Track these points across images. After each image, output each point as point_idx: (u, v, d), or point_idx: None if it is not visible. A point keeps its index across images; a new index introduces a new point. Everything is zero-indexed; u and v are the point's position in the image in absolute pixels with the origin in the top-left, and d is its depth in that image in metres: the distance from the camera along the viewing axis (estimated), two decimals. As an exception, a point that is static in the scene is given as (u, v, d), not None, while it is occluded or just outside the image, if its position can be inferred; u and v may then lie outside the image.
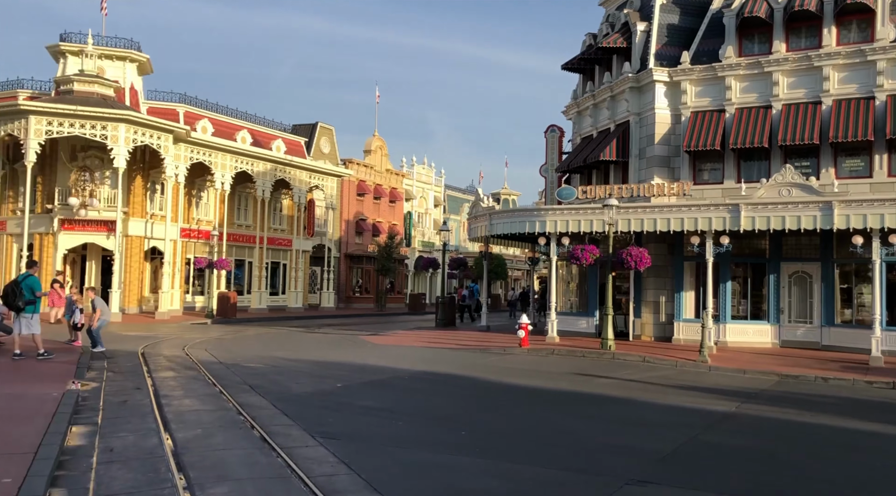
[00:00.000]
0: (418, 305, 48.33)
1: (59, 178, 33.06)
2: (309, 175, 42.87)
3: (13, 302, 14.52)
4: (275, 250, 42.88)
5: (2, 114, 29.44)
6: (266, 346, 20.67)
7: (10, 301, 14.56)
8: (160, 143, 31.97)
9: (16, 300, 14.49)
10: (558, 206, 22.32)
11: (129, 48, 34.84)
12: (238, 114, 41.69)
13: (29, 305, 14.59)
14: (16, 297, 14.48)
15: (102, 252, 34.32)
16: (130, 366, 15.19)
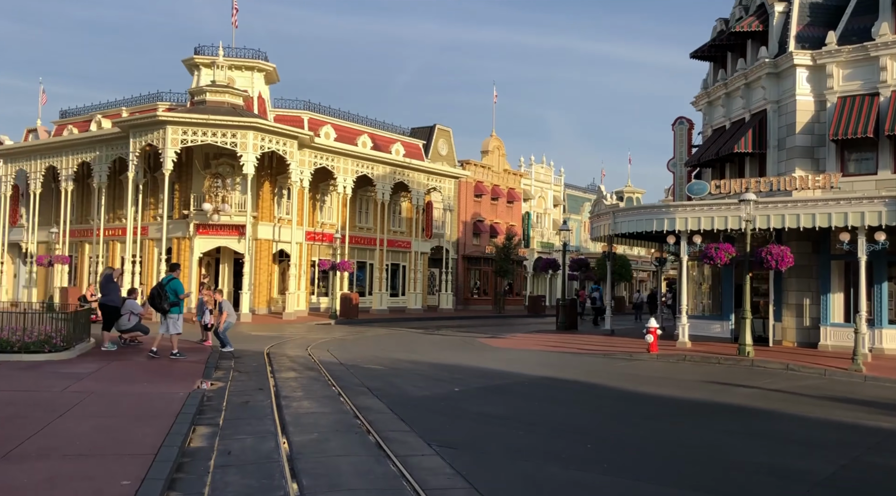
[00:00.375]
0: (537, 308, 47.47)
1: (194, 185, 34.90)
2: (427, 177, 43.09)
3: (159, 304, 15.28)
4: (394, 252, 43.39)
5: (142, 125, 31.40)
6: (385, 347, 20.67)
7: (156, 303, 15.34)
8: (286, 149, 33.02)
9: (161, 302, 15.22)
10: (689, 203, 20.93)
11: (257, 58, 36.28)
12: (359, 119, 42.54)
13: (174, 307, 15.28)
14: (161, 300, 15.21)
15: (234, 255, 35.87)
16: (255, 365, 15.49)
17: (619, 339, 23.98)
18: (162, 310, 15.35)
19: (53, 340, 14.59)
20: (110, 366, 13.76)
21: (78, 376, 12.16)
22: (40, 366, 13.15)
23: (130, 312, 17.49)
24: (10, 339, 14.06)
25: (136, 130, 31.73)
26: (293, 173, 33.58)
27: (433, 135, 48.23)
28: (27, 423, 8.21)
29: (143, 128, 31.40)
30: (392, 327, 30.19)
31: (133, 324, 17.59)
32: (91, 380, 11.89)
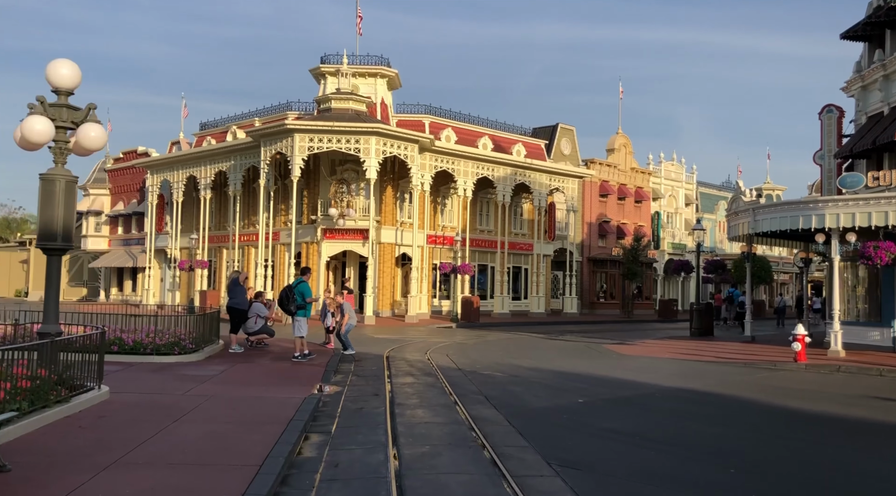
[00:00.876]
0: (669, 312, 45.19)
1: (321, 190, 35.80)
2: (549, 177, 42.08)
3: (287, 306, 15.53)
4: (516, 255, 42.67)
5: (272, 134, 32.54)
6: (506, 353, 20.04)
7: (284, 304, 15.64)
8: (407, 153, 33.18)
9: (288, 304, 15.47)
10: (841, 197, 18.87)
11: (380, 65, 36.76)
12: (479, 120, 42.20)
13: (300, 309, 15.46)
14: (288, 302, 15.45)
15: (359, 258, 36.49)
16: (374, 369, 15.31)
17: (760, 347, 22.08)
18: (289, 312, 15.62)
19: (183, 342, 15.05)
20: (234, 369, 13.99)
21: (201, 379, 12.37)
22: (169, 368, 13.54)
23: (257, 315, 17.87)
24: (143, 341, 14.61)
25: (267, 139, 32.94)
26: (414, 177, 33.68)
27: (556, 134, 47.12)
28: (144, 428, 8.24)
29: (273, 137, 32.54)
30: (513, 331, 29.51)
31: (259, 327, 17.96)
32: (213, 383, 12.05)
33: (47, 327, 9.68)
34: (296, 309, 15.39)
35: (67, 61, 9.70)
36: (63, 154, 9.81)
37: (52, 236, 9.60)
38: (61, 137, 9.78)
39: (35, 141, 9.28)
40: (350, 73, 34.60)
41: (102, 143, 9.80)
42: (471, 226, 39.78)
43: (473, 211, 40.72)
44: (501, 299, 39.66)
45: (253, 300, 17.96)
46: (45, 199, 9.63)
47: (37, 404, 8.12)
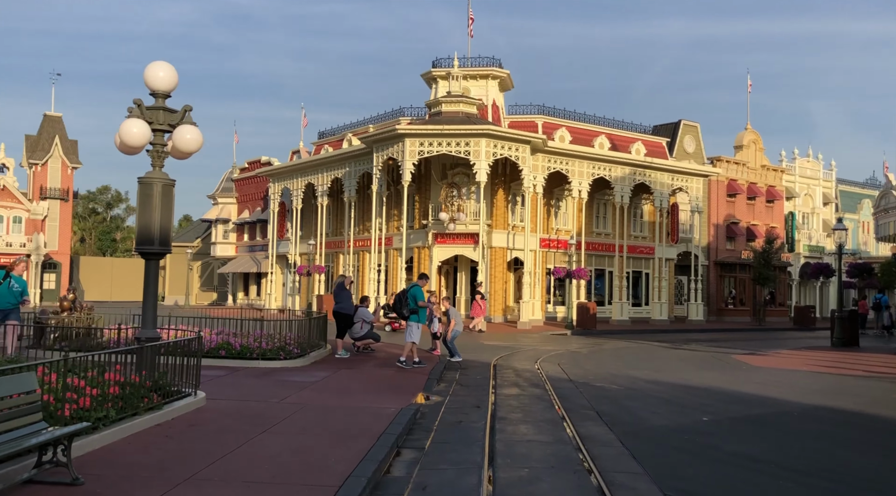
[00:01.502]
0: (805, 320, 41.70)
1: (432, 195, 35.64)
2: (671, 177, 39.93)
3: (401, 309, 15.33)
4: (636, 259, 40.78)
5: (383, 139, 32.67)
6: (623, 363, 18.79)
7: (397, 308, 15.45)
8: (518, 154, 32.37)
9: (402, 307, 15.25)
10: None
11: (491, 65, 36.18)
12: (595, 119, 40.76)
13: (413, 314, 15.13)
14: (402, 305, 15.24)
15: (471, 263, 36.01)
16: (479, 379, 14.62)
17: (917, 361, 19.56)
18: (402, 316, 15.37)
19: (289, 347, 14.96)
20: (336, 375, 13.70)
21: (301, 385, 12.13)
22: (272, 374, 13.43)
23: (362, 320, 17.65)
24: (251, 346, 14.63)
25: (378, 145, 33.12)
26: (525, 179, 32.80)
27: (678, 131, 44.79)
28: (230, 439, 7.93)
29: (384, 142, 32.67)
30: (632, 340, 27.97)
31: (365, 332, 17.72)
32: (312, 390, 11.75)
33: (145, 332, 9.65)
34: (409, 313, 14.98)
35: (164, 64, 9.64)
36: (160, 157, 9.77)
37: (149, 240, 9.55)
38: (158, 140, 9.73)
39: (132, 144, 9.26)
40: (461, 76, 34.23)
41: (198, 145, 9.66)
42: (586, 229, 38.38)
43: (589, 213, 39.28)
44: (620, 305, 37.95)
45: (358, 305, 17.76)
46: (142, 202, 9.60)
47: (126, 412, 7.98)
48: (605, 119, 41.21)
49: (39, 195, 51.82)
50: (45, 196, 51.90)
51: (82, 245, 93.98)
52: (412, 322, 15.20)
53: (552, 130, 38.33)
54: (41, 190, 51.87)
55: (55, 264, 52.61)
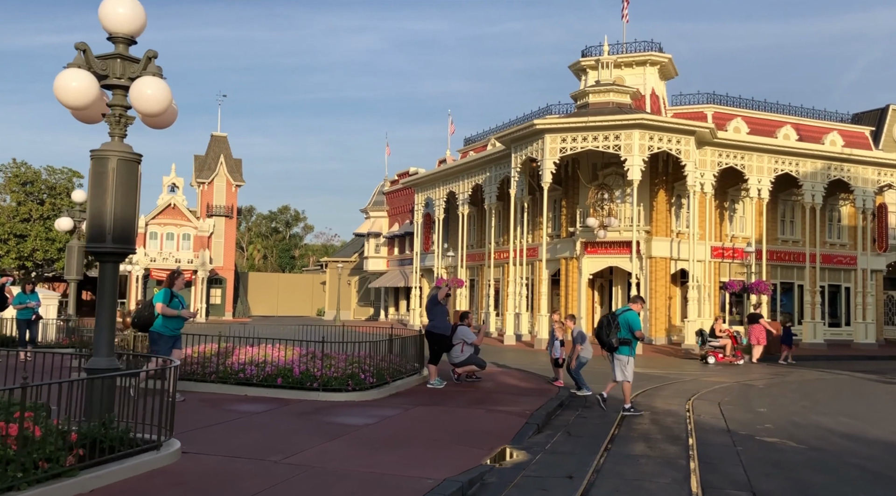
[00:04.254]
0: None
1: (580, 200, 31.85)
2: (877, 171, 32.99)
3: (606, 337, 11.99)
4: (832, 270, 34.16)
5: (522, 138, 29.42)
6: (810, 403, 14.08)
7: (601, 335, 12.04)
8: (680, 147, 27.73)
9: (608, 335, 11.95)
10: None
11: (649, 50, 31.82)
12: (778, 107, 34.95)
13: (623, 345, 11.90)
14: (609, 332, 11.95)
15: (627, 276, 31.65)
16: (598, 425, 10.94)
17: None
18: (608, 346, 12.04)
19: (361, 375, 12.17)
20: (403, 416, 10.64)
21: (340, 431, 9.22)
22: (323, 411, 10.66)
23: (463, 341, 14.56)
24: (315, 373, 11.98)
25: (517, 144, 29.96)
26: (689, 176, 28.03)
27: (885, 118, 37.42)
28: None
29: (523, 141, 29.44)
30: (828, 369, 22.40)
31: (467, 357, 14.61)
32: (347, 440, 8.78)
33: (96, 361, 7.19)
34: (619, 343, 11.85)
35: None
36: (121, 123, 7.31)
37: (100, 236, 7.10)
38: (118, 101, 7.30)
39: (71, 102, 6.84)
40: (612, 63, 30.25)
41: (163, 104, 7.06)
42: (769, 235, 32.58)
43: (772, 217, 33.40)
44: (812, 326, 31.63)
45: (458, 323, 14.67)
46: (95, 185, 7.16)
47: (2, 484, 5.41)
48: (790, 107, 35.22)
49: (206, 213, 54.00)
50: (212, 213, 53.99)
51: (265, 262, 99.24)
52: (624, 355, 11.94)
53: (725, 121, 33.10)
54: (208, 207, 54.05)
55: (220, 279, 54.51)
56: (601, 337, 12.02)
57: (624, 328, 11.85)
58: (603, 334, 11.95)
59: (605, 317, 12.16)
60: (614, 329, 11.88)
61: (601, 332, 12.01)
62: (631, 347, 11.95)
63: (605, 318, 12.13)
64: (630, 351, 11.97)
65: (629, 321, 11.84)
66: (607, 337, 11.89)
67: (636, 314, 12.03)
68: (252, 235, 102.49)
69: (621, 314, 12.03)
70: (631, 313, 11.97)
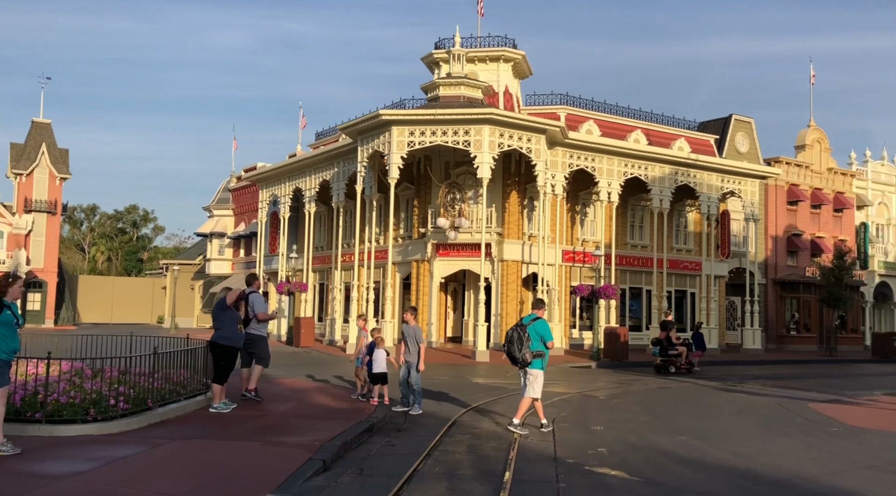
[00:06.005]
0: (887, 349, 34.70)
1: (432, 200, 30.16)
2: (720, 178, 33.63)
3: (518, 352, 10.59)
4: (679, 276, 34.50)
5: (368, 130, 27.31)
6: (651, 417, 12.83)
7: (513, 351, 10.66)
8: (531, 146, 26.62)
9: (521, 350, 10.53)
10: None
11: (503, 46, 30.67)
12: (629, 112, 34.95)
13: (537, 359, 10.65)
14: (521, 347, 10.56)
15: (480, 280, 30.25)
16: (402, 457, 8.92)
17: None
18: (520, 362, 10.63)
19: (111, 401, 9.47)
20: (137, 459, 8.08)
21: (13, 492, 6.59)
22: (33, 454, 7.95)
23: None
24: (43, 400, 9.15)
25: (363, 137, 27.81)
26: (540, 176, 27.00)
27: (728, 127, 38.49)
28: None
29: (370, 133, 27.33)
30: (672, 376, 21.81)
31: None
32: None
33: None
34: (532, 357, 10.58)
35: None
36: None
37: None
38: None
39: None
40: (464, 57, 28.72)
41: None
42: (618, 240, 32.32)
43: (622, 221, 33.23)
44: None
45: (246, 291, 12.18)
46: None
47: None
48: (641, 112, 35.33)
49: (24, 208, 47.93)
50: (31, 209, 47.99)
51: (109, 265, 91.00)
52: (537, 369, 10.70)
53: (578, 124, 32.60)
54: (26, 202, 47.99)
55: (41, 283, 48.54)
56: (512, 354, 10.69)
57: (535, 340, 10.68)
58: (514, 350, 10.64)
59: (513, 330, 10.78)
60: (526, 342, 10.62)
61: (512, 348, 10.69)
62: (543, 360, 10.81)
63: (514, 332, 10.74)
64: (542, 364, 10.81)
65: (540, 331, 10.72)
66: (519, 352, 10.58)
67: (546, 323, 10.95)
68: (95, 236, 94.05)
69: (530, 324, 10.77)
70: (541, 322, 10.85)
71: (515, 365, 10.80)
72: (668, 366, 22.56)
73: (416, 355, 12.40)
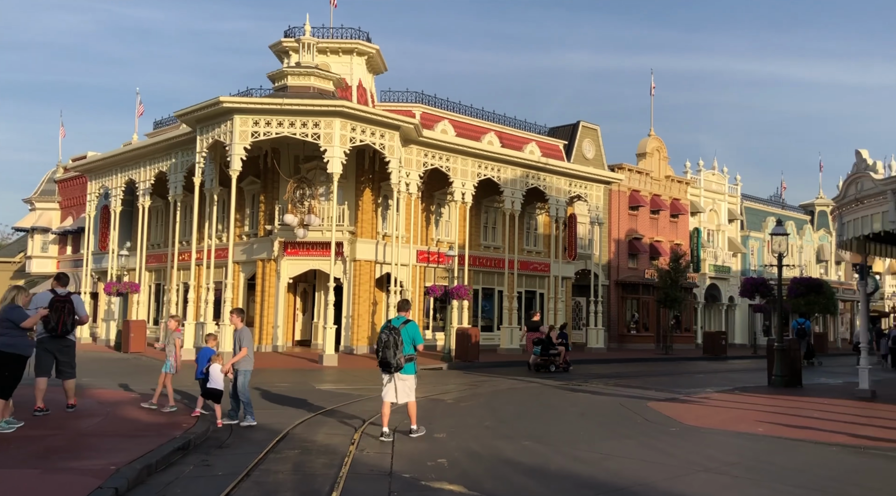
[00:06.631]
0: (716, 347, 37.08)
1: (280, 195, 28.64)
2: (568, 182, 34.53)
3: (393, 358, 10.12)
4: (529, 277, 35.09)
5: (208, 118, 25.39)
6: (496, 422, 12.39)
7: (388, 358, 10.14)
8: (385, 142, 25.86)
9: (395, 356, 10.15)
10: None
11: (356, 39, 29.71)
12: (484, 114, 35.10)
13: (410, 362, 10.31)
14: (395, 352, 10.16)
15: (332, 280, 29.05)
16: (217, 478, 7.79)
17: (893, 410, 14.20)
18: (394, 367, 10.16)
19: None
20: None
21: None
22: None
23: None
24: None
25: (204, 126, 25.85)
26: (394, 174, 26.31)
27: (576, 134, 39.70)
28: None
29: (210, 122, 25.43)
30: (520, 377, 21.79)
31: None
32: None
33: None
34: (406, 360, 10.23)
35: None
36: None
37: None
38: None
39: None
40: (315, 46, 27.48)
41: None
42: (472, 241, 32.34)
43: (476, 222, 33.28)
44: (510, 331, 31.88)
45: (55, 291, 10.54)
46: None
47: None
48: (495, 115, 35.62)
49: None
50: None
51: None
52: (410, 374, 10.42)
53: (433, 123, 32.25)
54: None
55: None
56: (387, 359, 10.19)
57: (408, 343, 10.30)
58: (390, 356, 10.18)
59: (388, 335, 10.22)
60: (400, 346, 10.21)
61: (387, 354, 10.20)
62: (415, 363, 10.53)
63: (389, 337, 10.21)
64: (415, 368, 10.55)
65: (412, 334, 10.38)
66: (395, 357, 10.15)
67: (416, 325, 10.67)
68: None
69: (403, 327, 10.33)
70: (412, 325, 10.50)
71: (388, 371, 10.28)
72: (549, 365, 23.47)
73: (244, 361, 11.36)
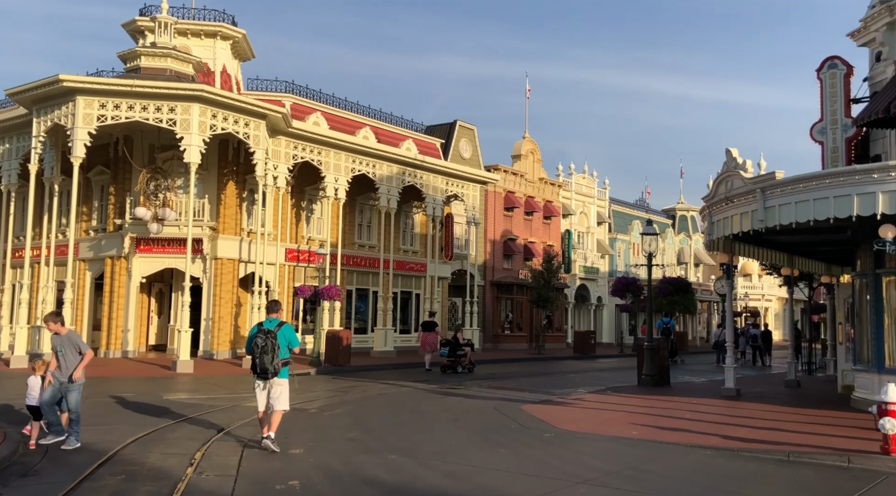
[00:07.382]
0: (586, 346, 37.76)
1: (132, 187, 26.15)
2: (445, 181, 33.98)
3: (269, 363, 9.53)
4: (405, 276, 34.21)
5: (46, 98, 22.65)
6: (361, 433, 11.34)
7: (265, 362, 9.53)
8: (249, 131, 24.11)
9: (272, 361, 9.53)
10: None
11: (220, 21, 27.71)
12: (359, 108, 33.84)
13: (285, 366, 9.81)
14: (272, 357, 9.50)
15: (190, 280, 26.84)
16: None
17: (769, 410, 14.42)
18: (270, 373, 9.53)
19: None
20: None
21: None
22: None
23: None
24: None
25: (42, 107, 23.06)
26: (259, 165, 24.56)
27: (453, 133, 39.27)
28: None
29: (49, 103, 22.70)
30: (392, 380, 20.81)
31: None
32: None
33: None
34: (282, 365, 9.68)
35: None
36: None
37: None
38: None
39: None
40: (173, 27, 25.28)
41: None
42: (346, 239, 31.05)
43: (349, 220, 32.00)
44: (384, 333, 30.82)
45: None
46: None
47: None
48: (371, 110, 34.45)
49: None
50: None
51: None
52: (285, 378, 9.81)
53: (305, 115, 30.64)
54: None
55: None
56: (265, 365, 9.53)
57: (283, 346, 9.74)
58: (267, 361, 9.53)
59: (263, 339, 9.54)
60: (277, 350, 9.61)
61: (265, 359, 9.53)
62: (289, 368, 9.98)
63: (264, 341, 9.54)
64: (287, 372, 9.93)
65: (288, 337, 9.82)
66: (272, 362, 9.52)
67: (292, 327, 10.16)
68: None
69: (278, 330, 9.71)
70: (288, 327, 9.91)
71: (265, 377, 9.60)
72: (456, 366, 23.71)
73: (74, 369, 9.77)
